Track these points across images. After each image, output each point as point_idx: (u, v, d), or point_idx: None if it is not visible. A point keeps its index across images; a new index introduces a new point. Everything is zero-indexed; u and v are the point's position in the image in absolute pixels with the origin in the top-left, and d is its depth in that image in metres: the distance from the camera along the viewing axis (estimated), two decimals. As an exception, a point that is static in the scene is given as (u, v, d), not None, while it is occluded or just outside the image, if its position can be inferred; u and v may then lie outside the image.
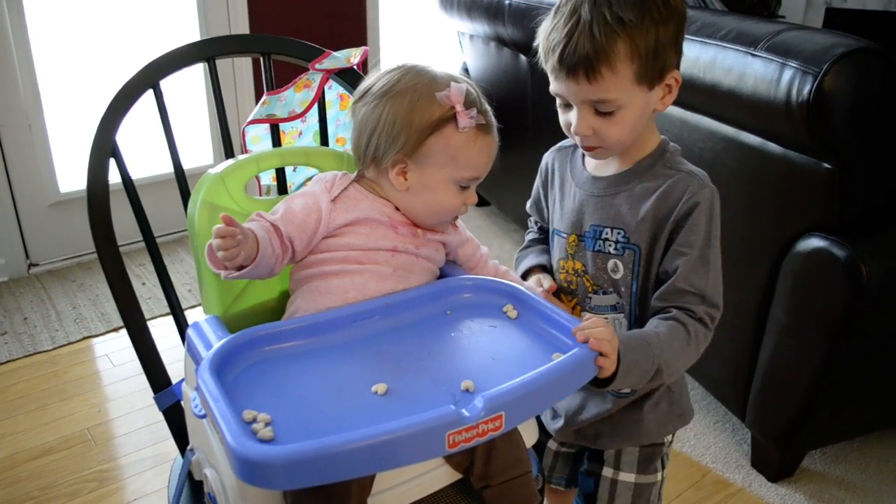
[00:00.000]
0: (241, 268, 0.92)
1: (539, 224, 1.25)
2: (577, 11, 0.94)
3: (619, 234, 1.04)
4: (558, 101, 1.03)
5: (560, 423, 1.17)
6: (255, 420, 0.76)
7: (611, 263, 1.05)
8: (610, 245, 1.05)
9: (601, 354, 0.87)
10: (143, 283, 2.60)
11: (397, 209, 1.04)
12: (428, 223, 1.05)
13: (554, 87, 1.01)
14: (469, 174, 1.02)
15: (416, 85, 1.00)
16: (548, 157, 1.20)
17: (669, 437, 1.15)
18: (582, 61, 0.93)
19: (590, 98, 0.96)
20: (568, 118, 1.02)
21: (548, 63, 0.99)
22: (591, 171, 1.10)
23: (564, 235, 1.11)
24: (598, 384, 0.92)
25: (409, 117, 0.99)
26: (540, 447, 1.23)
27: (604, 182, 1.07)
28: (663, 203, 1.01)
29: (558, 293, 1.13)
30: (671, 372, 0.98)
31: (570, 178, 1.12)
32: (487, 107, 1.06)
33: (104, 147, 1.13)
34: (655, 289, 1.03)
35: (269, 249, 0.94)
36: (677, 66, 0.99)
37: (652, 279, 1.04)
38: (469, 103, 1.00)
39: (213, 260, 0.91)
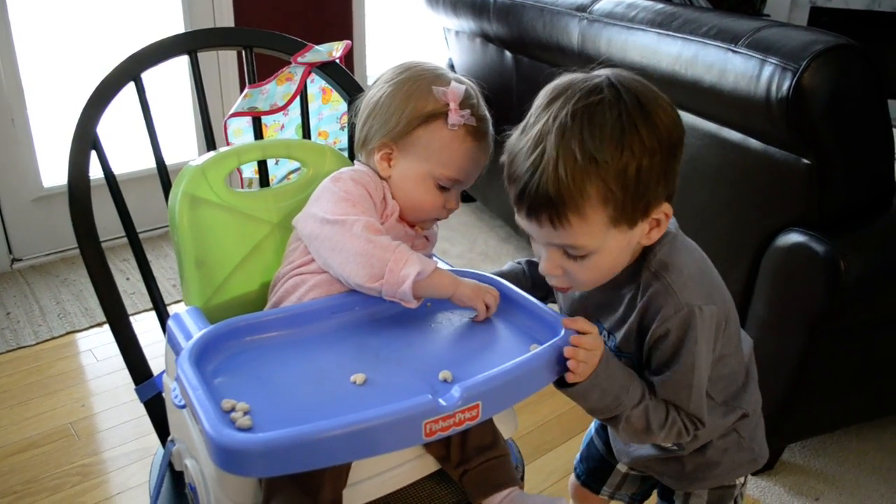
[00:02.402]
0: None
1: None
2: (543, 142, 0.80)
3: (612, 341, 0.95)
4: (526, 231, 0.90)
5: (624, 458, 1.14)
6: (233, 409, 0.76)
7: None
8: (608, 343, 0.95)
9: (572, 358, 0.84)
10: (127, 279, 2.60)
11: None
12: (408, 217, 1.06)
13: (517, 218, 0.88)
14: (449, 173, 1.02)
15: (419, 76, 1.02)
16: None
17: (741, 479, 1.08)
18: (545, 204, 0.81)
19: (556, 242, 0.85)
20: (537, 250, 0.91)
21: (509, 192, 0.87)
22: None
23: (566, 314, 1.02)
24: (559, 383, 0.89)
25: (404, 104, 1.00)
26: (608, 467, 1.23)
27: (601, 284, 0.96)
28: (642, 321, 0.90)
29: None
30: (626, 428, 0.91)
31: None
32: (486, 114, 1.04)
33: (85, 139, 1.12)
34: None
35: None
36: (668, 199, 0.86)
37: None
38: (465, 104, 1.00)
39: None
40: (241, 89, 2.98)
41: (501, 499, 0.94)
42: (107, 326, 2.32)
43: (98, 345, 2.26)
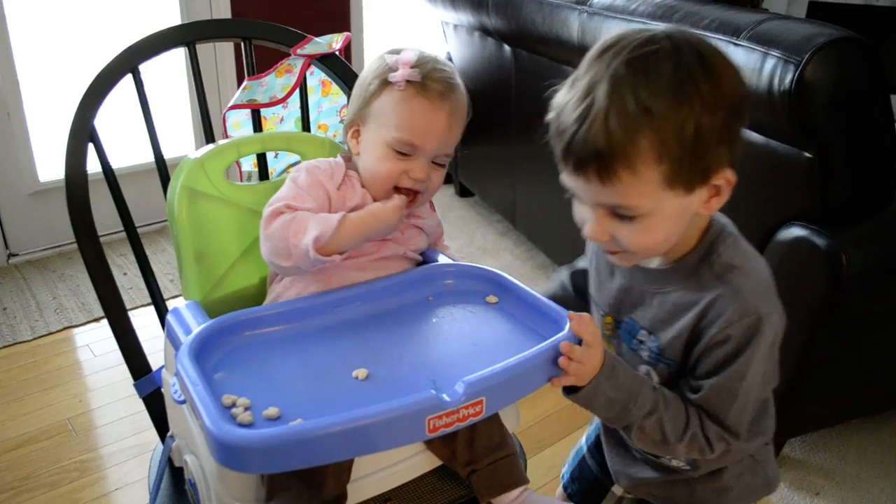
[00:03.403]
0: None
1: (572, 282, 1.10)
2: (593, 92, 0.74)
3: (653, 341, 0.89)
4: (573, 197, 0.84)
5: (623, 481, 1.05)
6: (234, 404, 0.76)
7: (643, 368, 0.91)
8: (644, 350, 0.90)
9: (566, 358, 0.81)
10: (125, 274, 2.58)
11: None
12: (371, 191, 1.02)
13: (563, 176, 0.81)
14: (400, 135, 0.97)
15: (383, 56, 1.02)
16: None
17: None
18: (593, 157, 0.74)
19: (604, 202, 0.79)
20: (581, 214, 0.84)
21: (555, 149, 0.80)
22: None
23: (602, 312, 0.97)
24: (567, 390, 0.86)
25: (365, 82, 1.02)
26: (602, 489, 1.14)
27: (642, 275, 0.90)
28: (699, 323, 0.83)
29: None
30: (641, 438, 0.87)
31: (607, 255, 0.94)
32: (444, 77, 0.99)
33: (82, 132, 1.11)
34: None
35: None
36: (731, 165, 0.78)
37: None
38: (414, 65, 0.98)
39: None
40: (239, 81, 2.97)
41: (512, 499, 0.93)
42: (104, 322, 2.30)
43: (95, 340, 2.25)
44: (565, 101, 0.78)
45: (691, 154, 0.74)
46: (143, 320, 1.47)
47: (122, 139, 2.22)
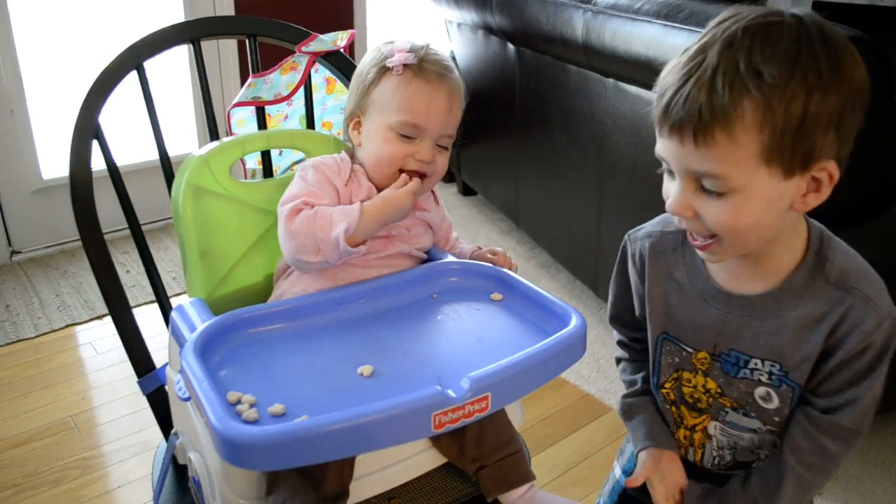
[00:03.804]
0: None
1: (631, 336, 1.01)
2: (705, 52, 0.71)
3: (774, 367, 0.83)
4: (663, 165, 0.80)
5: None
6: (239, 401, 0.76)
7: (761, 391, 0.86)
8: (761, 374, 0.85)
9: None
10: (128, 271, 2.58)
11: None
12: (376, 178, 1.03)
13: (657, 145, 0.78)
14: (403, 118, 0.99)
15: (378, 47, 1.05)
16: (639, 247, 0.93)
17: None
18: (691, 116, 0.70)
19: (694, 168, 0.74)
20: (669, 188, 0.80)
21: (653, 112, 0.76)
22: (721, 284, 0.85)
23: (689, 350, 0.90)
24: None
25: (362, 73, 1.04)
26: None
27: (744, 303, 0.84)
28: (830, 338, 0.79)
29: (677, 402, 0.94)
30: (810, 492, 0.85)
31: (687, 283, 0.88)
32: (436, 58, 1.02)
33: (87, 129, 1.11)
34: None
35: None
36: (835, 158, 0.72)
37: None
38: (411, 51, 1.01)
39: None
40: (243, 79, 2.97)
41: (520, 495, 0.94)
42: (107, 319, 2.31)
43: (98, 337, 2.25)
44: (673, 64, 0.75)
45: (796, 130, 0.69)
46: (147, 317, 1.47)
47: (126, 136, 2.22)
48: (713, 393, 0.89)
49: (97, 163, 1.12)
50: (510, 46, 2.49)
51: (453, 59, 3.00)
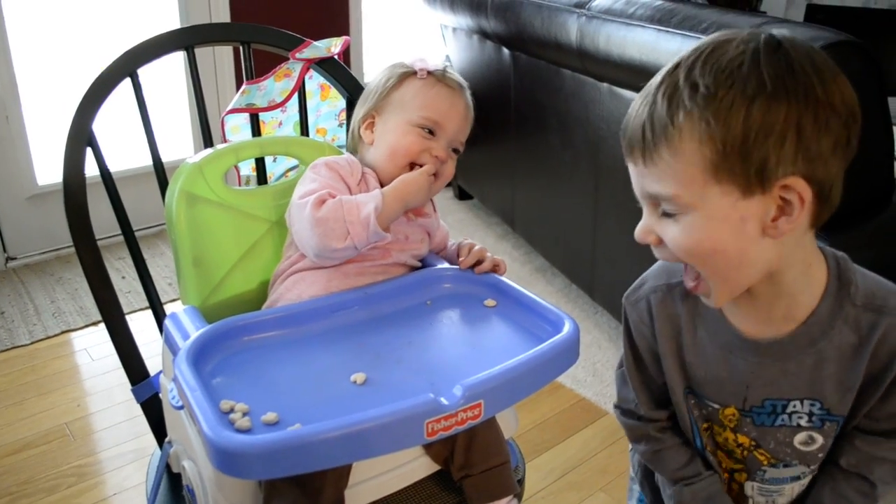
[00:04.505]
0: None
1: (647, 406, 0.92)
2: (656, 78, 0.71)
3: (814, 405, 0.80)
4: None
5: None
6: (232, 410, 0.76)
7: (802, 437, 0.82)
8: (801, 417, 0.81)
9: None
10: (123, 277, 2.58)
11: None
12: (387, 170, 1.05)
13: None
14: (426, 114, 1.04)
15: (398, 63, 1.09)
16: (644, 306, 0.86)
17: None
18: (637, 136, 0.70)
19: (648, 190, 0.72)
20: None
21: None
22: (746, 332, 0.80)
23: (715, 406, 0.85)
24: None
25: (382, 80, 1.08)
26: None
27: (772, 348, 0.79)
28: (874, 362, 0.76)
29: (713, 451, 0.89)
30: None
31: (706, 337, 0.83)
32: (455, 75, 1.09)
33: (80, 136, 1.11)
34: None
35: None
36: (804, 177, 0.67)
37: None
38: (434, 66, 1.07)
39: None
40: (238, 86, 2.96)
41: None
42: (102, 325, 2.28)
43: (93, 344, 2.24)
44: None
45: (741, 142, 0.65)
46: (142, 324, 1.47)
47: (121, 142, 2.22)
48: (746, 446, 0.85)
49: (92, 169, 1.12)
50: (505, 51, 2.49)
51: (448, 62, 3.01)
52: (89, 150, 1.12)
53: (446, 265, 1.06)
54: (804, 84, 0.65)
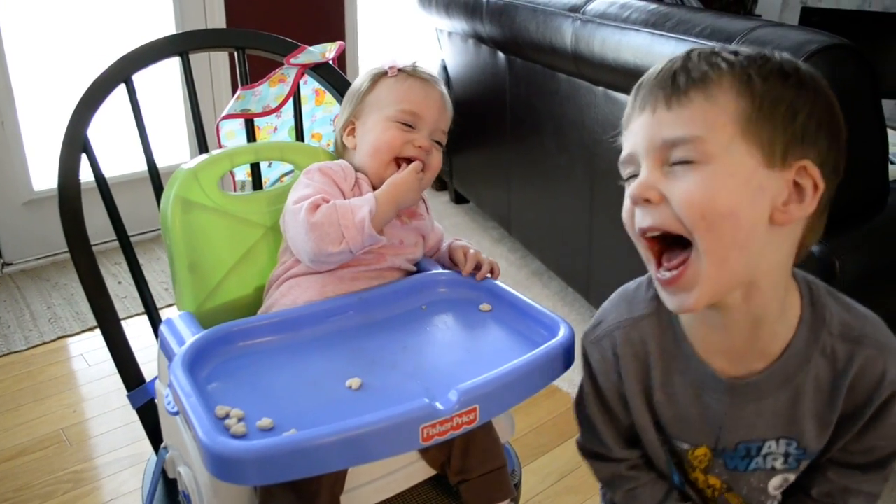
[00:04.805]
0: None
1: (617, 446, 0.86)
2: (685, 55, 0.70)
3: (789, 444, 0.77)
4: (626, 184, 0.73)
5: None
6: (227, 416, 0.76)
7: (777, 481, 0.80)
8: (776, 459, 0.79)
9: None
10: (119, 283, 2.58)
11: None
12: (373, 168, 1.06)
13: (622, 153, 0.73)
14: (402, 107, 1.05)
15: (370, 68, 1.11)
16: (608, 345, 0.81)
17: None
18: (665, 83, 0.68)
19: (665, 135, 0.67)
20: (630, 189, 0.72)
21: (624, 115, 0.73)
22: (719, 370, 0.76)
23: (685, 447, 0.81)
24: None
25: (357, 86, 1.10)
26: None
27: (750, 388, 0.75)
28: (852, 396, 0.74)
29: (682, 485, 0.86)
30: None
31: (674, 372, 0.78)
32: (425, 70, 1.10)
33: (75, 142, 1.11)
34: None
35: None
36: (816, 162, 0.67)
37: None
38: (403, 63, 1.09)
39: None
40: (233, 91, 2.96)
41: None
42: (98, 331, 2.29)
43: (89, 349, 2.24)
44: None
45: (775, 102, 0.66)
46: (139, 329, 1.47)
47: (116, 147, 2.22)
48: (718, 488, 0.82)
49: (87, 174, 1.12)
50: (500, 55, 2.50)
51: (444, 69, 3.01)
52: (85, 157, 1.12)
53: (441, 270, 1.06)
54: (826, 90, 0.69)
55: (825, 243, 1.42)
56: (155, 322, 1.16)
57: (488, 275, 1.04)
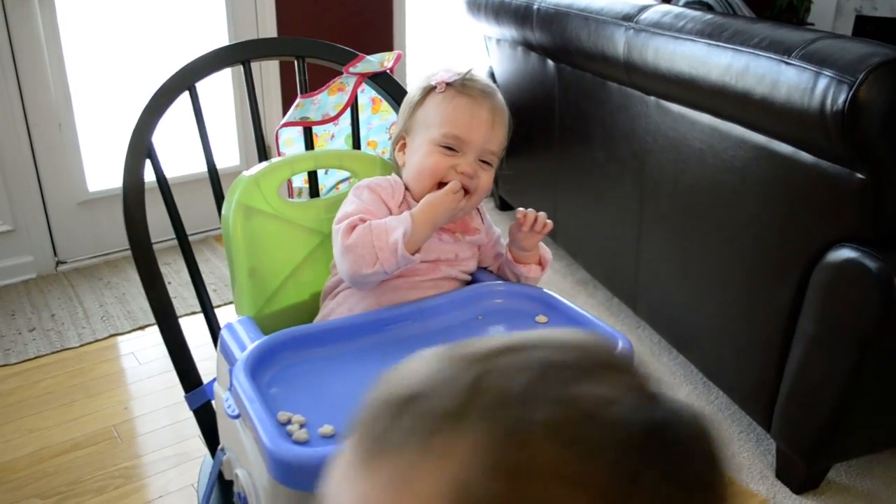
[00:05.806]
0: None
1: None
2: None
3: None
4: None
5: None
6: (289, 421, 0.77)
7: None
8: None
9: None
10: (169, 283, 2.62)
11: None
12: (417, 191, 1.05)
13: None
14: (446, 130, 1.02)
15: (424, 76, 1.09)
16: None
17: None
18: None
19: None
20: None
21: None
22: None
23: None
24: None
25: (408, 100, 1.08)
26: None
27: None
28: None
29: None
30: None
31: None
32: (478, 80, 1.05)
33: (140, 148, 1.14)
34: None
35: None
36: None
37: None
38: (453, 73, 1.04)
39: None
40: (284, 99, 3.00)
41: None
42: (149, 330, 2.35)
43: (140, 348, 2.29)
44: None
45: None
46: (187, 329, 1.49)
47: (167, 150, 2.26)
48: None
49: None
50: (550, 63, 2.49)
51: (492, 75, 3.01)
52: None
53: (498, 281, 1.06)
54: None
55: (884, 260, 1.39)
56: (211, 322, 1.18)
57: (544, 224, 1.08)
